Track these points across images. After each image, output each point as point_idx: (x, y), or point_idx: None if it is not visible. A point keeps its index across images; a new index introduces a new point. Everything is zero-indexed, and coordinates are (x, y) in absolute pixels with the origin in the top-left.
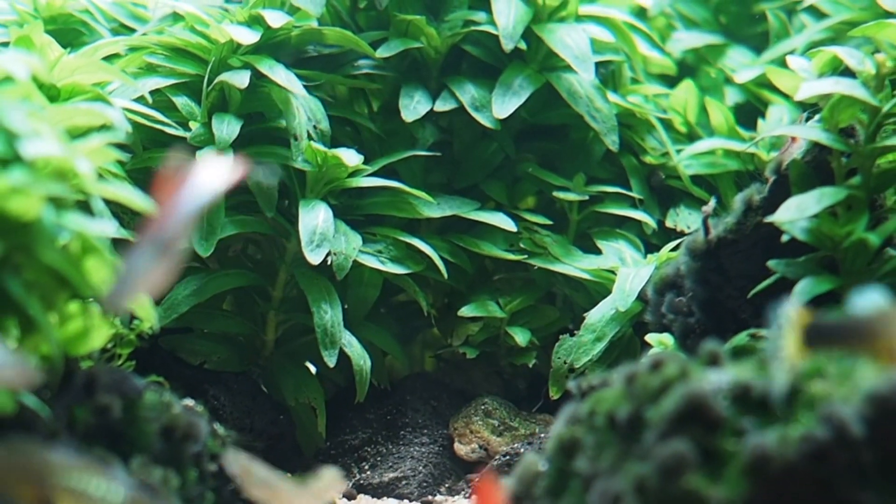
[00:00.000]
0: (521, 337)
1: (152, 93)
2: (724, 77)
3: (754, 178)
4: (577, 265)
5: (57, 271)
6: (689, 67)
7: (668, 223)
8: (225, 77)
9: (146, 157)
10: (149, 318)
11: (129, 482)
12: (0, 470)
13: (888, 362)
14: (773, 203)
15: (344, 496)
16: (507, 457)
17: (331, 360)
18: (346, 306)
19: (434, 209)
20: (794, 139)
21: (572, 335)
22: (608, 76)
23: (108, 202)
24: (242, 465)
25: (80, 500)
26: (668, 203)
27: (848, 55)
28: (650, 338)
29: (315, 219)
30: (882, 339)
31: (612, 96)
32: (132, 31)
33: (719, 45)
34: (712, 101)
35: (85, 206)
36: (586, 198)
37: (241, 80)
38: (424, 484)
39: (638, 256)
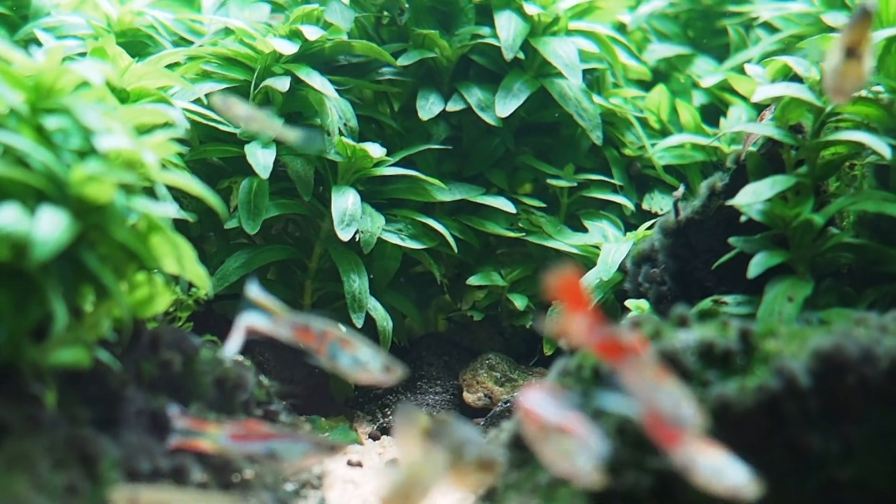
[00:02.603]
0: (519, 302)
1: (207, 95)
2: (692, 82)
3: (717, 168)
4: (567, 241)
5: (127, 247)
6: (661, 74)
7: (645, 206)
8: (269, 82)
9: (202, 150)
10: (204, 286)
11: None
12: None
13: None
14: (733, 189)
15: (370, 437)
16: (508, 404)
17: (358, 322)
18: (371, 276)
19: (446, 194)
20: (750, 134)
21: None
22: (593, 81)
23: (170, 188)
24: None
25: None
26: (644, 189)
27: (797, 63)
28: (629, 303)
29: (345, 202)
30: None
31: (596, 98)
32: (190, 43)
33: (687, 55)
34: (681, 102)
35: (150, 192)
36: (575, 184)
37: (282, 84)
38: None
39: (619, 234)
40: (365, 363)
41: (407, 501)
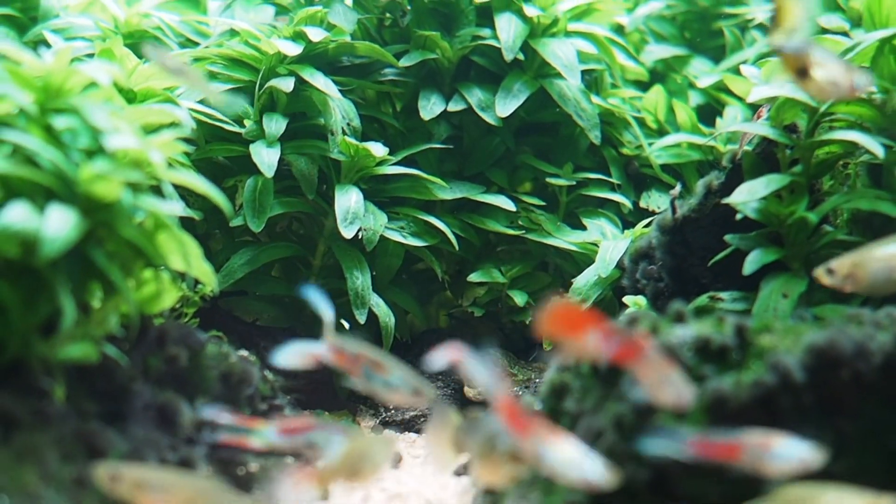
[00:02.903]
0: (519, 298)
1: None
2: (688, 83)
3: (713, 167)
4: (566, 239)
5: (134, 244)
6: (659, 74)
7: (642, 204)
8: (273, 83)
9: (208, 149)
10: (210, 282)
11: None
12: None
13: None
14: (729, 187)
15: (372, 431)
16: None
17: (361, 318)
18: (373, 273)
19: (447, 192)
20: (746, 134)
21: (562, 297)
22: (592, 82)
23: (176, 187)
24: None
25: None
26: (642, 187)
27: None
28: (627, 299)
29: (348, 200)
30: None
31: (595, 98)
32: (196, 44)
33: (684, 56)
34: (678, 102)
35: (157, 190)
36: (573, 183)
37: (287, 85)
38: None
39: (616, 232)
40: (396, 386)
41: (352, 478)
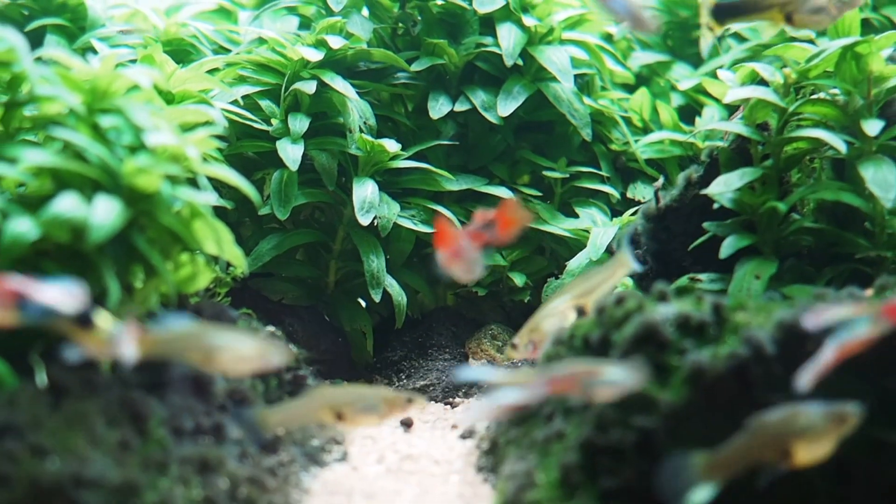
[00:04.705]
0: (518, 279)
1: (243, 97)
2: (670, 85)
3: (693, 161)
4: (561, 226)
5: (172, 231)
6: (644, 78)
7: (629, 195)
8: (298, 86)
9: (239, 145)
10: (240, 265)
11: None
12: None
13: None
14: (707, 179)
15: None
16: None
17: (377, 297)
18: (388, 257)
19: (453, 184)
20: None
21: (557, 278)
22: (584, 85)
23: (210, 179)
24: None
25: None
26: (629, 180)
27: (763, 69)
28: None
29: (365, 191)
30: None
31: (586, 100)
32: (228, 51)
33: (667, 61)
34: (661, 103)
35: (193, 182)
36: (567, 176)
37: (309, 88)
38: (446, 389)
39: (606, 220)
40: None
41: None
